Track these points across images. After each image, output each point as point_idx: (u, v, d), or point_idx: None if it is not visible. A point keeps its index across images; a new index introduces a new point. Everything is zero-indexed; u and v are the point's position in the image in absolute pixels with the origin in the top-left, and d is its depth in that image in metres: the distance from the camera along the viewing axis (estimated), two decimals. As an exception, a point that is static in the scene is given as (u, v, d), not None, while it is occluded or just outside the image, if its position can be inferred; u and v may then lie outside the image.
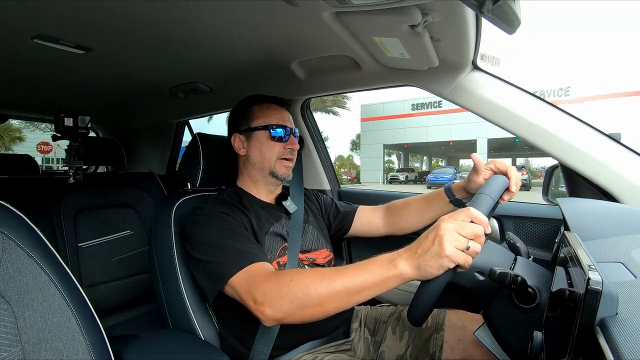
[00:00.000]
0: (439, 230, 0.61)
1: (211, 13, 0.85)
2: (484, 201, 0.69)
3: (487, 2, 0.56)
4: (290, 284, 0.71)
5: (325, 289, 0.68)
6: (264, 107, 1.06)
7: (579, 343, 0.40)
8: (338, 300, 0.68)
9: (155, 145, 2.34)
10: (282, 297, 0.70)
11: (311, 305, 0.69)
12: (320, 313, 0.70)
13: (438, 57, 0.98)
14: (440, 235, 0.60)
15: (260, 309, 0.72)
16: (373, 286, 0.66)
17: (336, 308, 0.69)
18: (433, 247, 0.60)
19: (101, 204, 1.65)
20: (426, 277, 0.62)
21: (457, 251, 0.59)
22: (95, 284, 1.54)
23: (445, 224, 0.61)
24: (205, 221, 0.90)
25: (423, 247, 0.62)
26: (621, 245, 0.66)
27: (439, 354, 0.90)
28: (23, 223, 0.59)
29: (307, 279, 0.70)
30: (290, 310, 0.70)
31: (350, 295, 0.67)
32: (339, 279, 0.68)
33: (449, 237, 0.60)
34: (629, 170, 0.91)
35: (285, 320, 0.72)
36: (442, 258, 0.59)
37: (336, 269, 0.71)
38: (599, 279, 0.40)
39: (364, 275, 0.66)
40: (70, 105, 1.85)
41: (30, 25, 0.91)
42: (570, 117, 0.98)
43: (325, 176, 1.61)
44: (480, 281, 0.69)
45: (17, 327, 0.53)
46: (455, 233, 0.60)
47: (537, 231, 1.13)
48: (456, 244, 0.59)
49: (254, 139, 1.03)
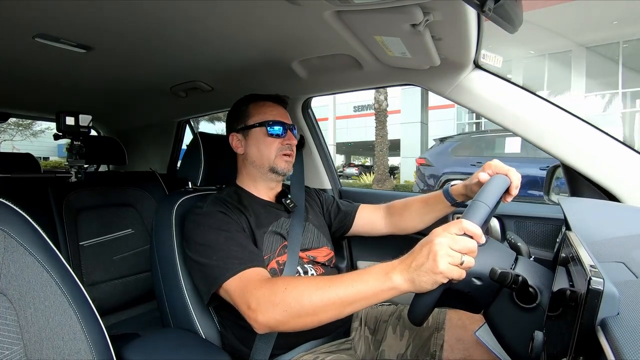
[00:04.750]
0: (433, 245, 0.61)
1: (212, 12, 0.85)
2: (478, 210, 0.68)
3: (488, 1, 0.56)
4: (284, 293, 0.71)
5: (318, 299, 0.68)
6: (260, 104, 1.06)
7: (580, 343, 0.40)
8: (331, 310, 0.68)
9: (157, 144, 2.34)
10: (275, 306, 0.70)
11: (304, 315, 0.69)
12: (313, 322, 0.70)
13: (439, 56, 0.98)
14: (434, 252, 0.60)
15: (253, 316, 0.72)
16: (367, 298, 0.66)
17: (329, 318, 0.69)
18: (427, 263, 0.60)
19: (102, 202, 1.65)
20: (420, 291, 0.62)
21: (450, 267, 0.59)
22: (97, 282, 1.55)
23: (438, 239, 0.61)
24: (202, 221, 0.90)
25: (417, 262, 0.62)
26: (622, 245, 0.66)
27: (440, 354, 0.90)
28: (25, 222, 0.59)
29: (301, 287, 0.71)
30: (282, 319, 0.70)
31: (344, 306, 0.67)
32: (333, 289, 0.68)
33: (442, 253, 0.60)
34: (630, 169, 0.91)
35: (278, 329, 0.73)
36: (436, 274, 0.59)
37: (330, 278, 0.71)
38: (600, 279, 0.40)
39: (358, 287, 0.66)
40: (72, 104, 1.85)
41: (32, 24, 0.91)
42: (572, 116, 0.98)
43: (326, 175, 1.61)
44: (478, 285, 0.68)
45: (19, 325, 0.53)
46: (449, 248, 0.60)
47: (539, 231, 1.12)
48: (450, 259, 0.60)
49: (251, 137, 1.03)
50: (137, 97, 1.74)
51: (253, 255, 0.87)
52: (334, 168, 1.65)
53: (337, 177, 1.66)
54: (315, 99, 1.56)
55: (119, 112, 2.09)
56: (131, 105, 1.92)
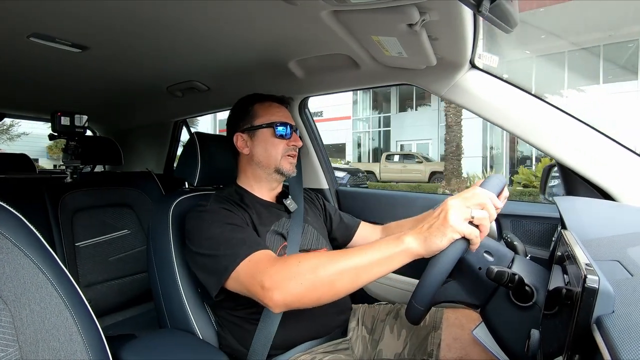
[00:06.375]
0: (445, 205, 0.64)
1: (208, 11, 0.85)
2: (489, 184, 0.70)
3: (484, 2, 0.56)
4: (298, 266, 0.71)
5: (333, 269, 0.68)
6: (266, 105, 1.06)
7: (575, 341, 0.41)
8: (347, 278, 0.68)
9: (153, 144, 2.33)
10: (291, 279, 0.70)
11: (320, 286, 0.69)
12: (329, 294, 0.69)
13: (436, 56, 0.99)
14: (445, 209, 0.63)
15: (269, 295, 0.70)
16: (381, 263, 0.66)
17: (345, 288, 0.69)
18: (438, 221, 0.63)
19: (98, 203, 1.64)
20: (433, 250, 0.63)
21: (462, 222, 0.61)
22: (93, 283, 1.54)
23: (451, 200, 0.64)
24: (208, 217, 0.90)
25: (429, 223, 0.65)
26: (617, 244, 0.66)
27: (437, 353, 0.90)
28: (20, 222, 0.58)
29: (314, 260, 0.71)
30: (299, 292, 0.69)
31: (359, 274, 0.67)
32: (347, 259, 0.68)
33: (453, 210, 0.62)
34: (625, 168, 0.92)
35: (294, 305, 0.71)
36: (447, 228, 0.61)
37: (342, 251, 0.72)
38: (595, 277, 0.40)
39: (371, 254, 0.67)
40: (67, 104, 1.84)
41: (26, 24, 0.90)
42: (567, 116, 0.98)
43: (323, 175, 1.61)
44: (490, 262, 0.69)
45: (14, 326, 0.52)
46: (461, 206, 0.63)
47: (535, 230, 1.13)
48: (460, 214, 0.62)
49: (257, 138, 1.03)
50: (133, 96, 1.73)
51: (259, 240, 0.88)
52: (331, 168, 1.65)
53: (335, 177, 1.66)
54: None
55: (114, 111, 2.08)
56: (127, 105, 1.91)
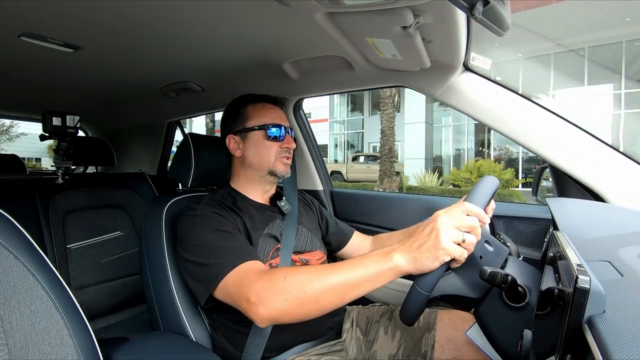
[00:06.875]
0: (435, 224, 0.62)
1: (202, 12, 0.85)
2: (478, 196, 0.70)
3: (477, 5, 0.56)
4: (284, 282, 0.69)
5: (320, 285, 0.67)
6: (259, 106, 1.04)
7: (567, 341, 0.41)
8: (333, 295, 0.67)
9: (146, 145, 2.31)
10: (276, 295, 0.69)
11: (306, 302, 0.68)
12: (315, 310, 0.69)
13: (430, 58, 0.99)
14: (436, 229, 0.61)
15: (254, 310, 0.70)
16: (369, 280, 0.66)
17: (331, 304, 0.68)
18: (429, 241, 0.61)
19: (90, 204, 1.62)
20: (422, 270, 0.62)
21: (453, 244, 0.61)
22: (85, 286, 1.52)
23: (441, 217, 0.63)
24: (198, 222, 0.89)
25: (419, 241, 0.63)
26: (608, 244, 0.67)
27: (431, 353, 0.91)
28: (9, 224, 0.57)
29: (301, 276, 0.70)
30: (285, 308, 0.68)
31: (346, 291, 0.67)
32: (334, 275, 0.67)
33: (445, 230, 0.61)
34: (615, 170, 0.93)
35: (280, 320, 0.71)
36: (439, 250, 0.60)
37: (330, 265, 0.71)
38: (586, 278, 0.40)
39: (359, 270, 0.66)
40: (59, 104, 1.81)
41: (17, 23, 0.89)
42: (559, 118, 0.99)
43: (318, 177, 1.61)
44: (489, 253, 0.70)
45: (4, 330, 0.51)
46: (452, 226, 0.61)
47: (527, 231, 1.14)
48: (452, 237, 0.61)
49: (249, 140, 1.02)
50: (126, 97, 1.72)
51: (249, 249, 0.86)
52: (326, 169, 1.65)
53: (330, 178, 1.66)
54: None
55: (107, 112, 2.06)
56: (120, 105, 1.89)
